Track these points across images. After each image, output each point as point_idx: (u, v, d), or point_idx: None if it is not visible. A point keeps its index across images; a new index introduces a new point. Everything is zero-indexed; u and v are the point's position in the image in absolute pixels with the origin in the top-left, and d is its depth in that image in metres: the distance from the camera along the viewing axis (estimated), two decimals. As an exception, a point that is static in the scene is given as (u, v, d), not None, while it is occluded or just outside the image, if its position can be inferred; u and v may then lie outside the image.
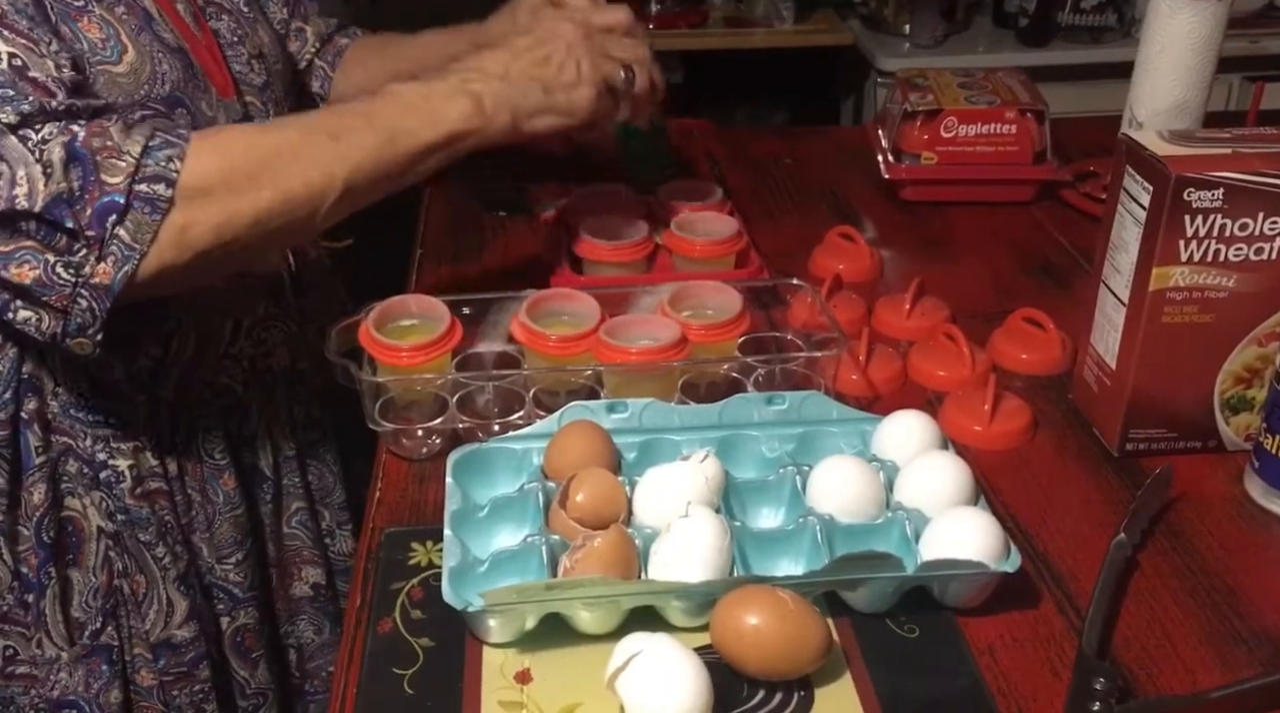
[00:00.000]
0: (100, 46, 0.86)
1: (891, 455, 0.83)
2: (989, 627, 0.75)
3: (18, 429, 0.93)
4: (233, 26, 1.03)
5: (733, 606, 0.69)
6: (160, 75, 0.89)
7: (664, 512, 0.76)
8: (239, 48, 1.02)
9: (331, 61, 1.23)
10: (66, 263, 0.79)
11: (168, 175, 0.80)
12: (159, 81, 0.89)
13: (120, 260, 0.79)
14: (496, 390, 0.92)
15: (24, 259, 0.79)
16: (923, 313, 1.08)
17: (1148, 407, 0.89)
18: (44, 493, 0.95)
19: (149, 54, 0.89)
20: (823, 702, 0.69)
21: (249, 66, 1.03)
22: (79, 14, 0.85)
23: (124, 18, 0.88)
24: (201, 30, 0.99)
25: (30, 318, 0.81)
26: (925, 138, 1.31)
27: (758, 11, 2.88)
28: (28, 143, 0.77)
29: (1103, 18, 2.66)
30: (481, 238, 1.26)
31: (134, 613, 1.00)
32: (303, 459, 1.12)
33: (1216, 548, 0.83)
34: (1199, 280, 0.84)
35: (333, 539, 1.17)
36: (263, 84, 1.04)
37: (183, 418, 1.00)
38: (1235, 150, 0.83)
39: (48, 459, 0.94)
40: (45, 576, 0.96)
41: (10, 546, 0.95)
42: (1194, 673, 0.72)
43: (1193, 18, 1.16)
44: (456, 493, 0.80)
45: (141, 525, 0.99)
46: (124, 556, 0.99)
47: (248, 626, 1.08)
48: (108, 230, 0.78)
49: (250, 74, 1.03)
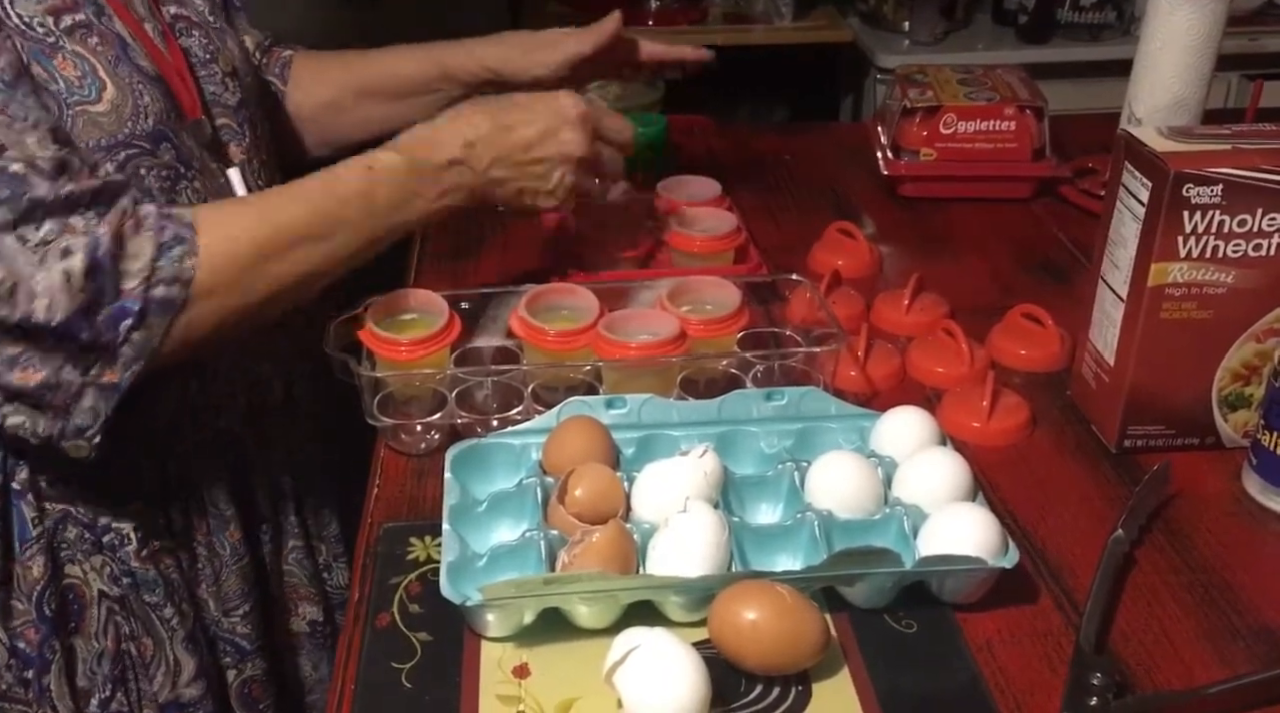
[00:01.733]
0: (78, 85, 0.81)
1: (890, 451, 0.83)
2: (987, 622, 0.75)
3: (9, 501, 0.88)
4: (204, 43, 0.97)
5: (731, 600, 0.69)
6: (142, 109, 0.85)
7: (662, 507, 0.76)
8: (211, 66, 0.97)
9: (281, 74, 1.16)
10: (75, 364, 0.76)
11: (183, 276, 0.78)
12: (141, 116, 0.85)
13: (130, 361, 0.78)
14: (495, 385, 0.92)
15: (28, 363, 0.76)
16: (921, 309, 1.08)
17: (1146, 403, 0.89)
18: (43, 565, 0.90)
19: (129, 88, 0.85)
20: (820, 697, 0.69)
21: (223, 86, 0.97)
22: (52, 51, 0.81)
23: (99, 49, 0.83)
24: (170, 50, 0.92)
25: (23, 422, 0.78)
26: (925, 134, 1.31)
27: (757, 8, 2.88)
28: (27, 243, 0.74)
29: (1102, 15, 2.65)
30: (481, 233, 1.26)
31: (142, 676, 0.96)
32: (299, 494, 1.08)
33: (1214, 544, 0.83)
34: (1197, 277, 0.84)
35: (330, 573, 1.13)
36: (238, 104, 0.99)
37: (189, 469, 0.96)
38: (1234, 147, 0.83)
39: (44, 529, 0.90)
40: (49, 650, 0.91)
41: (4, 622, 0.90)
42: (1191, 669, 0.72)
43: (1192, 15, 1.16)
44: (455, 488, 0.80)
45: (148, 587, 0.94)
46: (130, 619, 0.94)
47: (255, 677, 1.04)
48: (121, 336, 0.77)
49: (224, 94, 0.97)
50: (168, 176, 0.87)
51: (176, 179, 0.88)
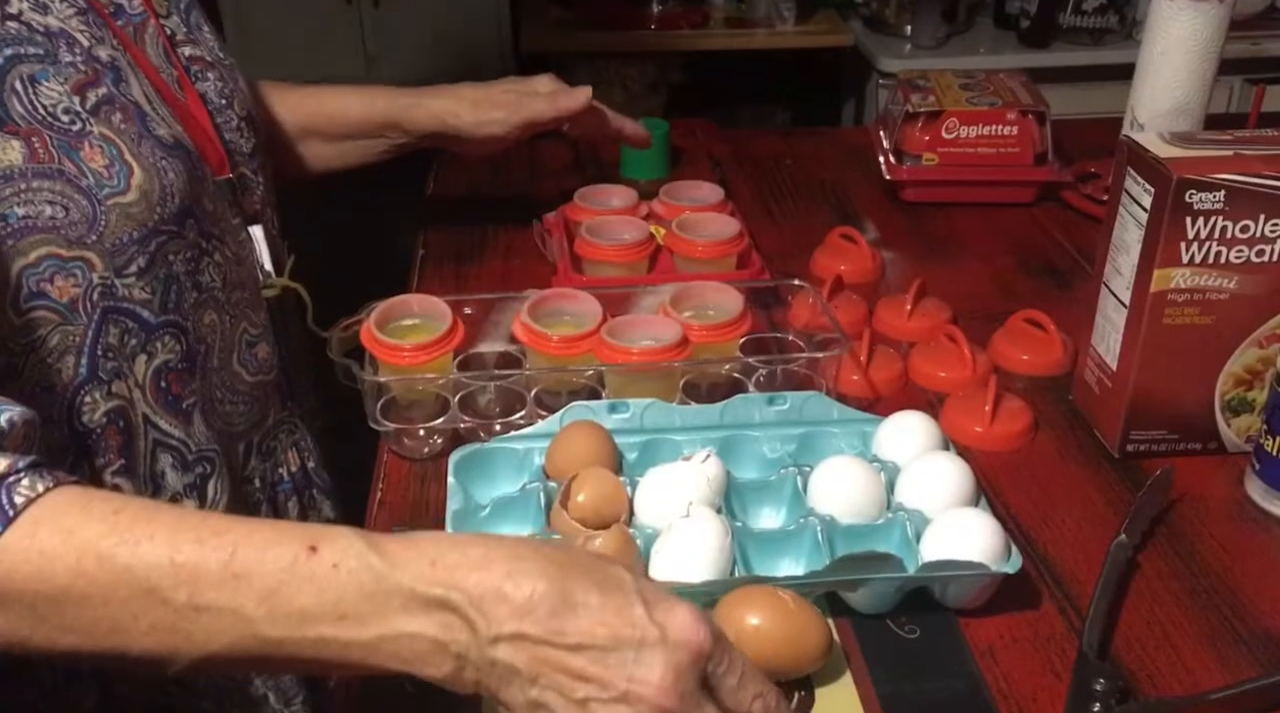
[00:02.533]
0: (106, 177, 0.75)
1: (892, 456, 0.83)
2: (989, 628, 0.75)
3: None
4: (219, 86, 0.90)
5: (734, 606, 0.69)
6: (167, 189, 0.78)
7: (665, 512, 0.76)
8: (228, 112, 0.90)
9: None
10: None
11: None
12: (169, 198, 0.78)
13: None
14: (498, 390, 0.92)
15: None
16: (924, 314, 1.08)
17: (1149, 408, 0.89)
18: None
19: (154, 169, 0.77)
20: (823, 702, 0.69)
21: (239, 132, 0.91)
22: (79, 141, 0.74)
23: (123, 128, 0.77)
24: (188, 97, 0.86)
25: None
26: (927, 139, 1.31)
27: (759, 12, 2.88)
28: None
29: (1104, 19, 2.66)
30: (483, 238, 1.26)
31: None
32: (303, 506, 1.01)
33: (1217, 549, 0.83)
34: (1200, 282, 0.84)
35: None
36: (252, 150, 0.92)
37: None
38: (1236, 152, 0.83)
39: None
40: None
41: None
42: (1194, 674, 0.72)
43: (1194, 20, 1.16)
44: (458, 493, 0.80)
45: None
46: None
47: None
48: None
49: (240, 141, 0.91)
50: (191, 257, 0.82)
51: (200, 256, 0.83)
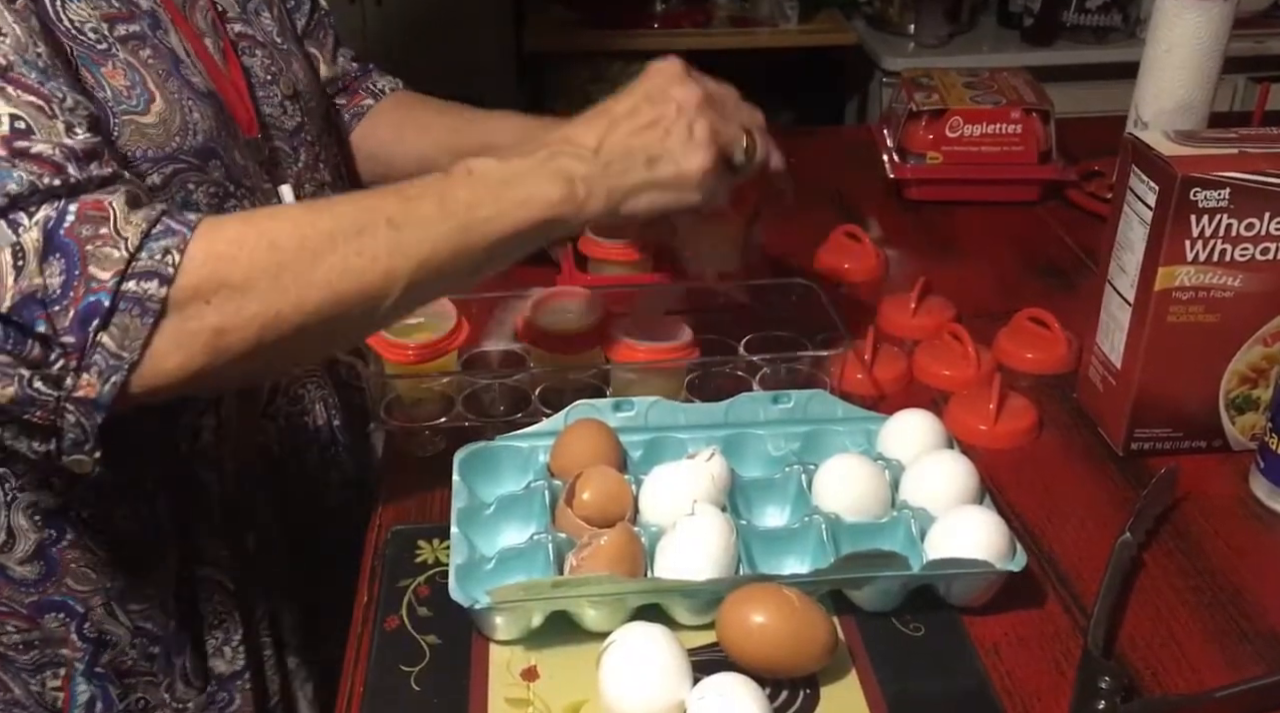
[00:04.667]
0: (125, 95, 0.77)
1: (897, 454, 0.83)
2: (994, 626, 0.75)
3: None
4: (266, 63, 0.93)
5: (739, 604, 0.69)
6: (191, 125, 0.81)
7: (670, 510, 0.76)
8: (271, 88, 0.93)
9: (356, 116, 1.12)
10: (45, 376, 0.67)
11: (162, 271, 0.67)
12: (190, 132, 0.81)
13: (106, 371, 0.67)
14: (502, 389, 0.92)
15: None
16: (928, 312, 1.08)
17: (1153, 406, 0.89)
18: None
19: (178, 103, 0.80)
20: (828, 700, 0.69)
21: (281, 108, 0.94)
22: (102, 58, 0.76)
23: (150, 62, 0.79)
24: (229, 67, 0.90)
25: (20, 437, 0.70)
26: (930, 137, 1.31)
27: (762, 11, 2.88)
28: (19, 228, 0.66)
29: (1108, 18, 2.66)
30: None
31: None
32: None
33: (1222, 547, 0.83)
34: (1205, 280, 0.84)
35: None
36: (295, 127, 0.95)
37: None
38: (1241, 150, 0.83)
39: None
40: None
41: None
42: (1199, 672, 0.72)
43: (1199, 18, 1.16)
44: (463, 491, 0.80)
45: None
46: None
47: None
48: (89, 337, 0.66)
49: (282, 117, 0.94)
50: (216, 193, 0.84)
51: (225, 197, 0.85)
